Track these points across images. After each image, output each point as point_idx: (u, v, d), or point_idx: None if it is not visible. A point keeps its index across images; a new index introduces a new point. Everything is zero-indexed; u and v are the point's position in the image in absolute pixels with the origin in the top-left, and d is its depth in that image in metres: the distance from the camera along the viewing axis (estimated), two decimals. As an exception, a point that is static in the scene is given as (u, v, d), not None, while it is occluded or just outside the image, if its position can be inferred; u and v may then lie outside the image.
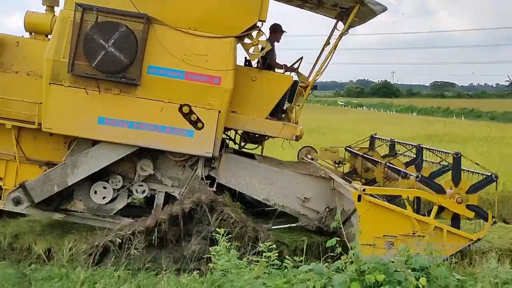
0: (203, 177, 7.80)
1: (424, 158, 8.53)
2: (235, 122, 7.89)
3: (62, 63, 7.09)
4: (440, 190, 7.06)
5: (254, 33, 7.65)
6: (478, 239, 7.12)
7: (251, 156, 8.62)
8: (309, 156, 9.08)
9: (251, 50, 7.76)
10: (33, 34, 7.96)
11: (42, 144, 7.77)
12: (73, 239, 7.53)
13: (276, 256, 4.89)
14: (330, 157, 9.20)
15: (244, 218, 6.98)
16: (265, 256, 4.86)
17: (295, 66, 8.63)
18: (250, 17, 7.53)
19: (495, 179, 7.16)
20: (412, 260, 4.38)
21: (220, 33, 7.39)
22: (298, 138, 8.20)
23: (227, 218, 6.81)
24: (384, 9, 7.97)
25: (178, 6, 7.38)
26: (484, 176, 7.32)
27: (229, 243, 5.28)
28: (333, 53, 8.19)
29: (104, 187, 7.66)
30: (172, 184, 7.87)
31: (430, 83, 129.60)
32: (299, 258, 4.85)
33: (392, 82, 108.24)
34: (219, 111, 7.38)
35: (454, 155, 7.27)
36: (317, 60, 8.95)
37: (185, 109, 7.32)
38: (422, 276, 4.12)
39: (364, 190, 6.80)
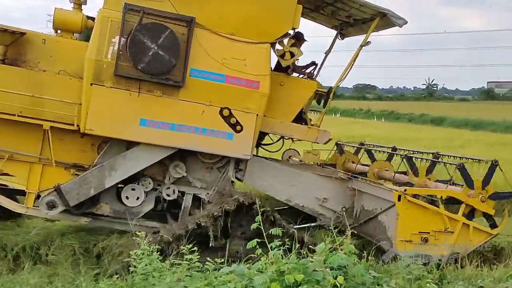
0: (234, 179, 8.00)
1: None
2: (265, 125, 8.03)
3: (104, 64, 6.97)
4: (471, 185, 7.84)
5: (285, 40, 7.95)
6: (497, 234, 8.00)
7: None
8: (295, 158, 9.36)
9: (281, 57, 8.03)
10: (59, 31, 7.67)
11: (68, 146, 7.51)
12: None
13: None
14: (312, 159, 9.47)
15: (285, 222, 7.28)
16: (186, 258, 4.83)
17: (308, 71, 8.74)
18: (285, 25, 7.77)
19: (496, 163, 7.95)
20: (331, 260, 4.48)
21: (257, 39, 7.57)
22: (328, 141, 8.68)
23: (273, 219, 7.06)
24: (405, 22, 8.34)
25: (218, 12, 7.46)
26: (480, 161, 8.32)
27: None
28: (353, 63, 8.53)
29: (135, 189, 7.62)
30: (200, 186, 7.92)
31: (353, 86, 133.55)
32: (220, 260, 4.86)
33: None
34: (257, 115, 7.58)
35: (458, 167, 7.91)
36: (321, 66, 9.19)
37: (225, 112, 7.45)
38: (340, 275, 4.21)
39: (405, 190, 7.43)
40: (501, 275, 6.35)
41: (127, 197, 7.59)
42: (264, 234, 4.34)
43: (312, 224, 8.36)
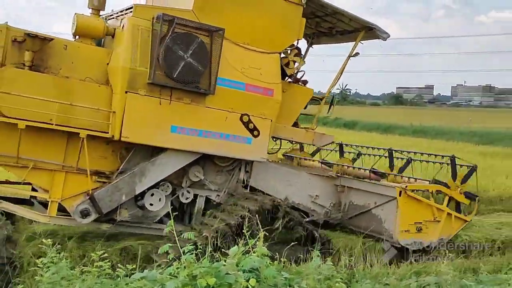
0: (244, 180, 8.44)
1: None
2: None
3: (138, 72, 7.08)
4: (446, 185, 9.03)
5: (289, 50, 8.58)
6: (471, 220, 9.47)
7: None
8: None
9: (287, 65, 8.60)
10: (78, 37, 7.44)
11: (91, 153, 7.13)
12: None
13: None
14: (270, 157, 9.83)
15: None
16: (96, 265, 4.70)
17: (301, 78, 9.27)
18: (292, 36, 8.40)
19: (475, 168, 9.28)
20: (244, 263, 4.52)
21: (268, 49, 8.07)
22: (330, 143, 9.76)
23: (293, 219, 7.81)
24: (389, 36, 9.21)
25: (235, 22, 7.72)
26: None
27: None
28: (342, 73, 9.32)
29: (156, 194, 7.73)
30: (214, 189, 8.24)
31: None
32: (132, 266, 4.77)
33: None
34: (271, 120, 8.11)
35: (451, 158, 9.33)
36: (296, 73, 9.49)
37: (245, 118, 7.88)
38: (252, 277, 4.26)
39: (406, 186, 8.47)
40: (405, 272, 6.70)
41: (151, 204, 7.69)
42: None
43: (307, 219, 8.89)
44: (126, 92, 7.08)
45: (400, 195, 8.34)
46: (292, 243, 6.67)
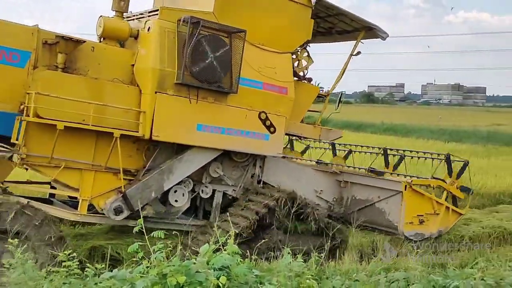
0: (258, 175, 8.82)
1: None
2: None
3: (167, 73, 7.37)
4: (443, 181, 9.85)
5: (299, 50, 9.04)
6: (465, 214, 10.38)
7: None
8: None
9: (295, 64, 8.99)
10: (103, 39, 7.69)
11: (117, 152, 7.32)
12: None
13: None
14: None
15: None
16: (64, 265, 4.63)
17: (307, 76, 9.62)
18: (303, 36, 8.80)
19: (467, 163, 10.11)
20: (214, 260, 4.51)
21: (281, 49, 8.48)
22: (338, 138, 10.29)
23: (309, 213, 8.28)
24: (388, 35, 9.68)
25: (252, 23, 8.00)
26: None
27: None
28: (344, 71, 9.76)
29: (180, 191, 8.00)
30: (230, 184, 8.58)
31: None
32: (101, 265, 4.72)
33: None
34: (285, 117, 8.52)
35: (446, 156, 10.17)
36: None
37: (263, 116, 8.28)
38: (223, 275, 4.26)
39: (411, 181, 9.10)
40: (375, 268, 6.76)
41: (175, 200, 7.98)
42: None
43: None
44: (155, 92, 7.34)
45: (405, 189, 8.90)
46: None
